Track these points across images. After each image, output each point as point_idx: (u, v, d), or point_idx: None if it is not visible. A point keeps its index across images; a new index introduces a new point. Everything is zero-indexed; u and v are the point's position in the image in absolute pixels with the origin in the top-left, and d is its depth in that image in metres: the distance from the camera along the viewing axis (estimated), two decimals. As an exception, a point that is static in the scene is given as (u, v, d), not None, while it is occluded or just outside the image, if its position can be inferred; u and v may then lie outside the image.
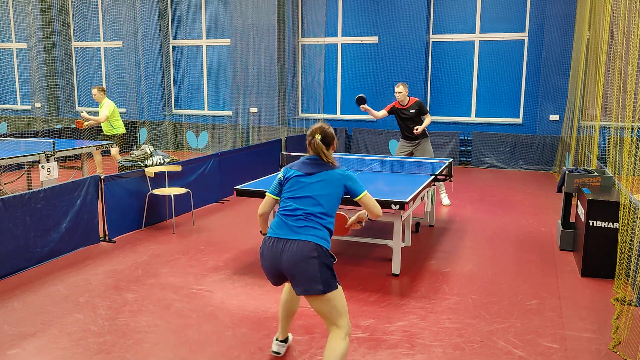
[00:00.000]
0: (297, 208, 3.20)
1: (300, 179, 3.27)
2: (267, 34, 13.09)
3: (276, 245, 3.16)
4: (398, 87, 7.81)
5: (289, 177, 3.32)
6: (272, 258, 3.17)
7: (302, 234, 3.12)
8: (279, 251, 3.14)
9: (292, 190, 3.27)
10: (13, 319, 4.19)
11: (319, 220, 3.18)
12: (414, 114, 7.82)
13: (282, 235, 3.16)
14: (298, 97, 13.75)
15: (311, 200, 3.20)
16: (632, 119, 4.93)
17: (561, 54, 11.10)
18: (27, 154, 7.49)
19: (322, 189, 3.23)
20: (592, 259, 5.09)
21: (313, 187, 3.23)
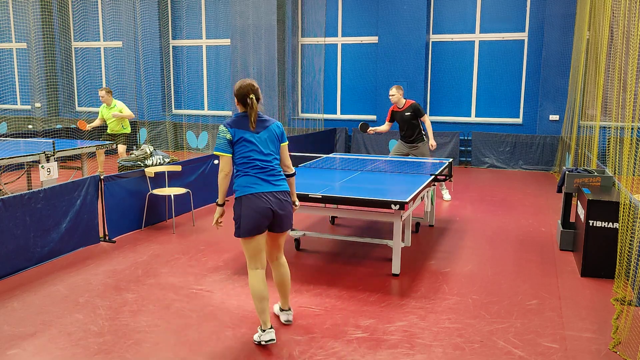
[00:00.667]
0: (265, 164, 3.77)
1: (253, 138, 3.76)
2: (267, 34, 13.09)
3: (267, 198, 3.71)
4: (391, 90, 7.86)
5: (240, 138, 3.75)
6: (265, 209, 3.70)
7: (280, 185, 3.80)
8: (270, 202, 3.71)
9: (252, 150, 3.76)
10: (13, 319, 4.19)
11: (280, 169, 3.88)
12: (410, 117, 7.84)
13: (266, 189, 3.73)
14: (298, 97, 13.75)
15: (270, 156, 3.80)
16: (632, 119, 4.93)
17: (561, 54, 11.10)
18: (27, 154, 7.49)
19: (272, 143, 3.84)
20: (592, 259, 5.09)
21: (267, 143, 3.80)
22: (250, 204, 3.70)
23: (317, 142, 11.75)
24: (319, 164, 6.95)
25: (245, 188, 3.73)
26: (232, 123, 3.77)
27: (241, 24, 13.31)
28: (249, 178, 3.73)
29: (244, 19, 13.27)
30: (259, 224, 3.70)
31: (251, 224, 3.70)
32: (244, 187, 3.74)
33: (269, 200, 3.71)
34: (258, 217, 3.69)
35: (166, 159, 9.31)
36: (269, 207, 3.70)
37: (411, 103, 7.91)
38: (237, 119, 3.80)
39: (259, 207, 3.69)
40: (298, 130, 13.11)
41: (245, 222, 3.71)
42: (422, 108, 7.98)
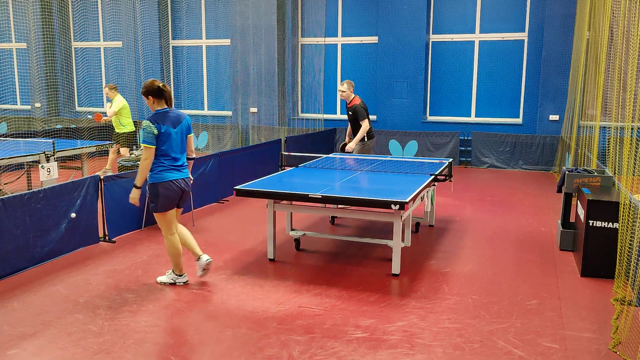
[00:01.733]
0: (178, 158, 4.70)
1: (172, 132, 4.62)
2: (267, 34, 13.09)
3: (180, 184, 4.70)
4: (342, 85, 7.53)
5: (164, 132, 4.57)
6: (178, 192, 4.71)
7: (185, 172, 4.80)
8: (181, 187, 4.71)
9: (169, 144, 4.61)
10: (13, 319, 4.19)
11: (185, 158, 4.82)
12: (351, 117, 7.58)
13: (179, 176, 4.70)
14: (298, 97, 13.75)
15: (181, 149, 4.73)
16: (632, 119, 4.93)
17: (561, 54, 11.10)
18: (27, 154, 7.48)
19: (182, 137, 4.74)
20: (592, 259, 5.09)
21: (180, 138, 4.71)
22: (168, 186, 4.63)
23: (317, 142, 11.75)
24: (319, 164, 6.96)
25: (166, 174, 4.62)
26: (157, 119, 4.57)
27: (241, 24, 13.32)
28: (166, 169, 4.62)
29: (244, 19, 13.27)
30: (171, 204, 4.70)
31: (169, 202, 4.67)
32: (164, 174, 4.62)
33: (180, 185, 4.69)
34: (174, 196, 4.69)
35: (166, 159, 9.28)
36: (180, 189, 4.70)
37: (356, 103, 7.56)
38: (160, 115, 4.61)
39: (175, 190, 4.66)
40: (298, 130, 13.11)
41: (164, 201, 4.65)
42: (363, 112, 7.51)
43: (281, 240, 6.21)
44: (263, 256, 5.70)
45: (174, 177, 4.64)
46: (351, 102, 7.65)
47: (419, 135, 12.04)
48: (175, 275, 4.91)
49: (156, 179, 4.62)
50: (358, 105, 7.57)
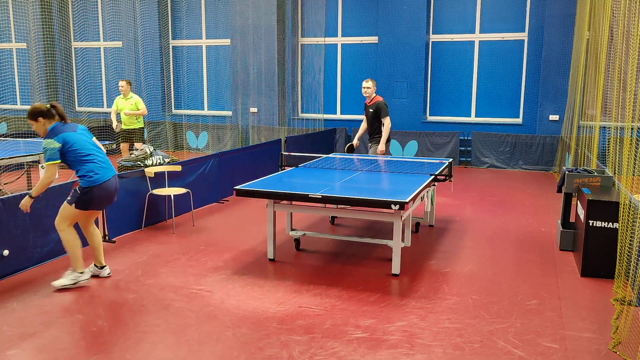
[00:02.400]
0: (101, 155, 4.87)
1: (81, 137, 4.78)
2: (267, 34, 13.09)
3: (115, 182, 4.91)
4: (367, 82, 7.58)
5: (74, 141, 4.69)
6: (114, 190, 4.90)
7: (113, 170, 4.94)
8: (115, 185, 4.91)
9: (86, 147, 4.76)
10: (13, 319, 4.19)
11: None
12: (372, 115, 7.63)
13: (111, 175, 4.86)
14: (298, 97, 13.75)
15: (97, 148, 4.91)
16: (632, 119, 4.93)
17: (561, 54, 11.10)
18: (27, 154, 7.48)
19: (90, 136, 4.92)
20: (592, 259, 5.09)
21: (91, 139, 4.91)
22: (106, 188, 4.83)
23: (317, 142, 11.75)
24: (319, 164, 6.96)
25: (100, 175, 4.79)
26: (60, 129, 4.69)
27: (241, 24, 13.32)
28: (97, 169, 4.80)
29: (243, 19, 13.27)
30: (107, 203, 4.99)
31: (103, 202, 4.92)
32: (100, 174, 4.79)
33: (115, 184, 4.96)
34: (110, 196, 4.93)
35: (166, 159, 9.31)
36: (114, 192, 4.94)
37: (378, 100, 7.62)
38: (61, 126, 4.72)
39: (111, 191, 4.90)
40: (298, 130, 13.11)
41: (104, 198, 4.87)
42: (386, 109, 7.59)
43: (281, 240, 6.21)
44: (263, 256, 5.70)
45: (110, 177, 4.86)
46: (372, 100, 7.69)
47: (419, 135, 12.04)
48: (75, 274, 4.83)
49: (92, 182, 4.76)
50: (381, 102, 7.63)
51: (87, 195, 4.70)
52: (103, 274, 5.06)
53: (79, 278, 4.82)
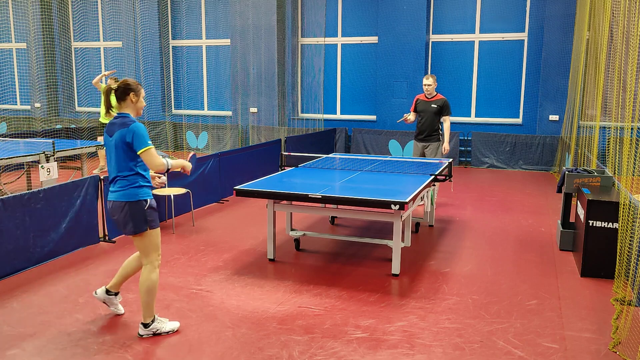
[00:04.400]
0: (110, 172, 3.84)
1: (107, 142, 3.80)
2: (267, 34, 13.09)
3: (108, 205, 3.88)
4: (427, 79, 7.58)
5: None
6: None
7: (111, 194, 3.83)
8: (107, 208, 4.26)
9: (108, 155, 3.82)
10: (13, 319, 4.19)
11: (118, 177, 3.76)
12: (435, 110, 7.57)
13: (107, 197, 3.89)
14: (298, 97, 13.75)
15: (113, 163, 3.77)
16: (632, 119, 4.93)
17: (561, 54, 11.10)
18: (27, 154, 7.48)
19: (116, 149, 3.71)
20: (592, 259, 5.09)
21: (112, 150, 3.74)
22: (154, 206, 3.90)
23: (317, 142, 11.76)
24: (319, 164, 6.96)
25: (149, 190, 3.91)
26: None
27: (241, 24, 13.32)
28: (145, 182, 3.87)
29: (243, 19, 13.27)
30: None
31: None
32: (149, 188, 3.91)
33: (107, 206, 3.96)
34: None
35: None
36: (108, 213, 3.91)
37: (442, 97, 7.64)
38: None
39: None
40: (298, 130, 13.11)
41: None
42: (449, 107, 7.67)
43: (281, 240, 6.21)
44: (263, 256, 5.70)
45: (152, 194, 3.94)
46: (435, 96, 7.65)
47: (419, 135, 12.03)
48: (162, 321, 3.97)
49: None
50: (447, 100, 7.64)
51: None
52: (112, 300, 4.26)
53: (171, 327, 3.99)
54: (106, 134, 3.77)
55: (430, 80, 7.57)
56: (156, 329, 3.89)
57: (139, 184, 3.75)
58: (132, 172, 3.72)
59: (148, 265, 3.85)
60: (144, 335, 3.87)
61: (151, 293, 3.83)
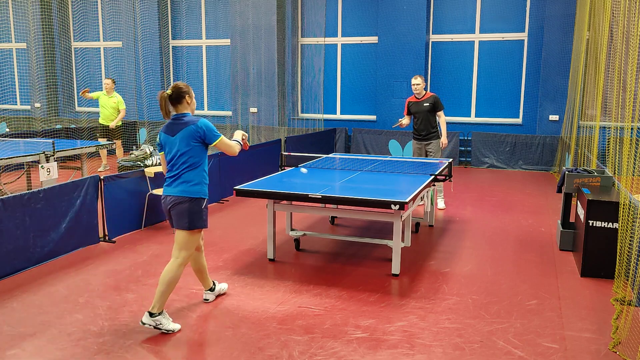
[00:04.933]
0: (168, 170, 4.04)
1: (167, 140, 4.00)
2: (267, 34, 13.09)
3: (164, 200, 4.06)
4: (416, 79, 7.64)
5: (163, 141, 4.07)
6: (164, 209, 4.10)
7: (174, 188, 4.03)
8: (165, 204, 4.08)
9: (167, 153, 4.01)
10: (12, 319, 4.19)
11: (179, 171, 3.96)
12: (428, 108, 7.64)
13: (164, 192, 4.08)
14: (298, 97, 13.75)
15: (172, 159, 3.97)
16: (632, 119, 4.93)
17: (561, 54, 11.10)
18: (27, 154, 7.48)
19: (181, 143, 3.92)
20: (592, 259, 5.09)
21: (175, 145, 3.95)
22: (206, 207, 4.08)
23: (317, 142, 11.76)
24: (319, 164, 6.96)
25: (206, 188, 4.10)
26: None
27: (241, 24, 13.32)
28: (205, 179, 4.08)
29: (243, 19, 13.27)
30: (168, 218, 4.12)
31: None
32: (207, 185, 4.10)
33: (164, 201, 4.05)
34: (165, 213, 4.11)
35: (166, 159, 9.30)
36: (163, 206, 4.08)
37: (431, 95, 7.71)
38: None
39: (163, 205, 4.10)
40: (298, 130, 13.11)
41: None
42: (441, 102, 7.74)
43: (281, 240, 6.21)
44: (263, 256, 5.70)
45: (163, 193, 4.09)
46: (424, 95, 7.71)
47: (419, 135, 12.03)
48: (167, 317, 4.02)
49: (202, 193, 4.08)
50: (436, 96, 7.73)
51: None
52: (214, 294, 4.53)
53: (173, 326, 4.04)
54: (165, 134, 3.98)
55: (419, 80, 7.65)
56: (159, 322, 3.93)
57: (202, 182, 3.99)
58: (198, 169, 3.95)
59: (178, 260, 4.00)
60: (146, 324, 3.92)
61: (170, 286, 3.96)
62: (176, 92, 3.96)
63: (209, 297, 4.52)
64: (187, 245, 4.01)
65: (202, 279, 4.47)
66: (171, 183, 3.98)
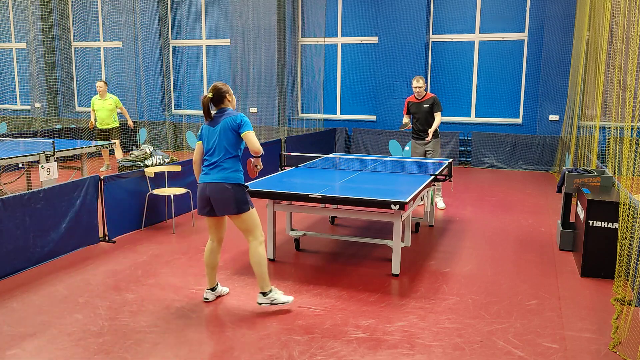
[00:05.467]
0: (211, 157, 4.27)
1: (212, 132, 4.26)
2: (267, 34, 13.09)
3: (204, 188, 4.28)
4: (418, 81, 7.65)
5: (203, 133, 4.34)
6: (203, 197, 4.30)
7: (211, 177, 4.27)
8: (203, 192, 4.30)
9: (209, 143, 4.26)
10: (12, 319, 4.19)
11: (221, 161, 4.23)
12: (427, 109, 7.67)
13: (203, 180, 4.30)
14: (298, 97, 13.75)
15: (222, 148, 4.22)
16: (632, 119, 4.93)
17: (561, 54, 11.10)
18: (27, 154, 7.48)
19: (220, 135, 4.21)
20: (592, 259, 5.09)
21: (214, 137, 4.24)
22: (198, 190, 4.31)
23: (317, 142, 11.75)
24: (319, 164, 6.96)
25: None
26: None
27: (241, 24, 13.31)
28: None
29: (243, 19, 13.27)
30: (201, 206, 4.32)
31: (199, 204, 4.33)
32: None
33: (204, 189, 4.23)
34: (201, 201, 4.29)
35: (166, 159, 9.32)
36: (203, 194, 4.25)
37: (432, 95, 7.75)
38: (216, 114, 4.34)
39: (200, 193, 4.28)
40: (298, 130, 13.11)
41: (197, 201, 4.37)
42: (440, 104, 7.77)
43: (281, 240, 6.21)
44: (263, 256, 5.70)
45: (200, 181, 4.30)
46: (424, 96, 7.74)
47: (419, 135, 12.03)
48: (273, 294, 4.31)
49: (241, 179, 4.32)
50: (437, 98, 7.78)
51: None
52: (213, 292, 4.59)
53: (275, 298, 4.33)
54: (208, 126, 4.26)
55: (421, 83, 7.67)
56: (273, 298, 4.27)
57: (239, 170, 4.25)
58: (236, 157, 4.22)
59: (254, 241, 4.28)
60: (263, 304, 4.27)
61: (262, 265, 4.23)
62: (217, 93, 4.25)
63: (209, 296, 4.55)
64: (251, 227, 4.26)
65: (210, 274, 4.54)
66: (210, 171, 4.21)
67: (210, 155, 4.24)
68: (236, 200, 4.17)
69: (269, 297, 4.28)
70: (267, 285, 4.27)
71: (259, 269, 4.24)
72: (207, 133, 4.27)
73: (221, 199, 4.17)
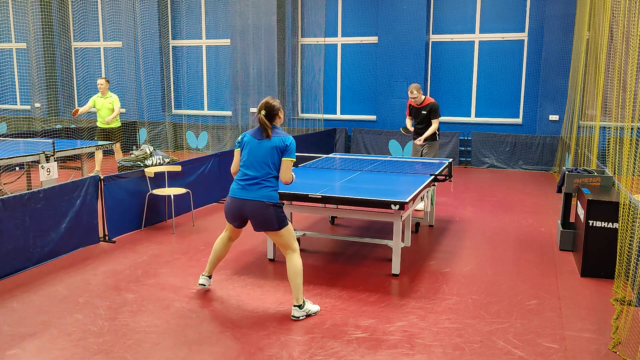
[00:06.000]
0: (246, 172, 4.30)
1: (253, 146, 4.29)
2: (267, 34, 13.09)
3: (233, 203, 4.36)
4: (412, 92, 7.63)
5: (245, 142, 4.38)
6: (231, 209, 4.40)
7: (242, 193, 4.32)
8: (234, 206, 4.38)
9: (245, 156, 4.33)
10: (12, 319, 4.19)
11: (263, 179, 4.25)
12: (424, 116, 7.70)
13: (232, 194, 4.38)
14: (298, 97, 13.75)
15: (257, 165, 4.27)
16: (632, 119, 4.93)
17: (561, 54, 11.10)
18: (27, 154, 7.48)
19: (266, 155, 4.24)
20: (592, 259, 5.09)
21: (260, 155, 4.27)
22: (227, 201, 4.38)
23: (317, 142, 11.75)
24: (319, 164, 6.96)
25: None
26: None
27: (241, 24, 13.32)
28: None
29: (243, 19, 13.27)
30: (228, 217, 4.42)
31: (226, 214, 4.42)
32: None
33: (234, 203, 4.30)
34: (229, 211, 4.37)
35: (166, 159, 9.31)
36: (234, 206, 4.31)
37: (431, 102, 7.72)
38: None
39: (229, 204, 4.34)
40: (298, 130, 13.10)
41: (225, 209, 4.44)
42: (438, 110, 7.74)
43: (281, 240, 6.21)
44: (263, 256, 5.70)
45: (231, 195, 4.32)
46: (423, 102, 7.72)
47: (419, 135, 12.03)
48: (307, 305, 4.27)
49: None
50: (435, 104, 7.74)
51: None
52: (205, 282, 4.78)
53: (309, 309, 4.30)
54: (253, 138, 4.29)
55: (415, 93, 7.64)
56: (308, 309, 4.25)
57: (277, 188, 4.29)
58: (277, 177, 4.27)
59: (293, 253, 4.29)
60: (300, 317, 4.19)
61: (299, 276, 4.24)
62: (270, 110, 4.28)
63: (204, 282, 4.73)
64: (288, 241, 4.29)
65: (212, 263, 4.70)
66: (249, 187, 4.21)
67: (248, 169, 4.23)
68: (278, 218, 4.21)
69: (305, 310, 4.23)
70: (301, 297, 4.24)
71: (297, 280, 4.23)
72: (250, 145, 4.26)
73: (263, 218, 4.21)
